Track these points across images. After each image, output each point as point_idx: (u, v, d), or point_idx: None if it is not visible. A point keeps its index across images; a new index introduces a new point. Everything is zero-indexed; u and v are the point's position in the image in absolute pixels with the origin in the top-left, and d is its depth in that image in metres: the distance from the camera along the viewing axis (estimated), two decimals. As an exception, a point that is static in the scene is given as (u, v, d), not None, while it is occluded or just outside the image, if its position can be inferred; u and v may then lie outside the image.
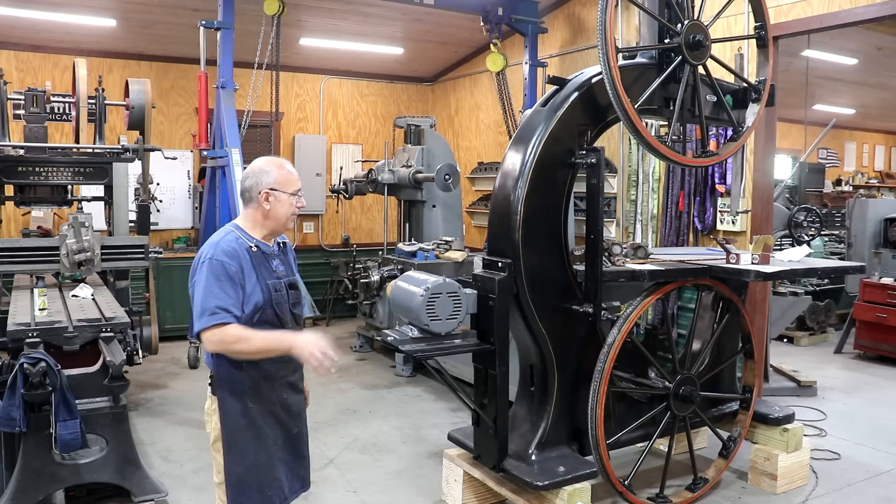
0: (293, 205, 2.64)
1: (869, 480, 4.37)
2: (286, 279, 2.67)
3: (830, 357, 7.53)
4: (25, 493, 3.31)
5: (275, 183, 2.60)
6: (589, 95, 3.59)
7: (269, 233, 2.68)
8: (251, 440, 2.57)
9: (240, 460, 2.57)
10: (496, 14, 7.27)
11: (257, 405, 2.57)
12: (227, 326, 2.44)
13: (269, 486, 2.61)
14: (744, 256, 3.97)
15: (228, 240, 2.58)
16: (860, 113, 12.37)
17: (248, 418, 2.57)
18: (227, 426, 2.57)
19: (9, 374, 3.24)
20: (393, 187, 7.26)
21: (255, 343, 2.46)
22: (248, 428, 2.57)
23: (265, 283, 2.57)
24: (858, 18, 4.76)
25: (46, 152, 4.92)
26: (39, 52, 7.75)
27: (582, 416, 3.64)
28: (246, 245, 2.58)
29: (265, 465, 2.60)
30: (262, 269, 2.59)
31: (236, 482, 2.58)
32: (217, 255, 2.51)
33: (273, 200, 2.60)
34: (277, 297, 2.59)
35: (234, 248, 2.55)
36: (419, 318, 3.36)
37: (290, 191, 2.62)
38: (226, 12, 6.11)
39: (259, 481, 2.59)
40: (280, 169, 2.63)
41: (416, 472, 4.40)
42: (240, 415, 2.56)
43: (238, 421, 2.56)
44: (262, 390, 2.58)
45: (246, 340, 2.44)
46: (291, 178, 2.64)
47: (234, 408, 2.56)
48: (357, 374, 6.59)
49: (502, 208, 3.56)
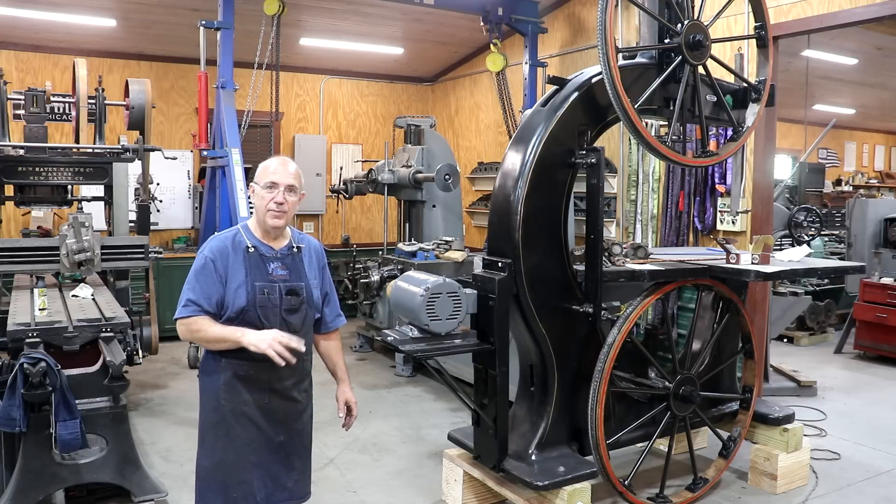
0: (266, 199, 2.58)
1: (869, 480, 4.37)
2: (284, 284, 2.61)
3: (830, 357, 7.53)
4: (25, 493, 3.30)
5: (256, 177, 2.64)
6: (589, 95, 3.59)
7: (264, 231, 2.66)
8: (220, 437, 2.60)
9: (207, 455, 2.64)
10: (496, 14, 7.27)
11: (229, 403, 2.59)
12: (194, 318, 2.53)
13: (234, 488, 2.59)
14: (744, 256, 3.96)
15: (224, 237, 2.63)
16: (860, 113, 12.37)
17: (218, 415, 2.60)
18: (201, 420, 2.66)
19: (9, 374, 3.24)
20: (393, 187, 7.26)
21: (209, 333, 2.54)
22: (218, 424, 2.60)
23: (252, 284, 2.56)
24: (858, 18, 4.76)
25: (46, 152, 4.92)
26: (39, 52, 7.75)
27: (582, 416, 3.64)
28: (244, 244, 2.59)
29: (232, 464, 2.59)
30: (255, 270, 2.58)
31: (203, 476, 2.65)
32: (205, 250, 2.60)
33: (254, 195, 2.65)
34: (263, 299, 2.56)
35: (225, 245, 2.59)
36: (419, 318, 3.36)
37: (261, 183, 2.60)
38: (226, 12, 6.11)
39: (224, 480, 2.60)
40: (265, 163, 2.66)
41: (416, 472, 4.40)
42: (212, 410, 2.62)
43: (210, 416, 2.62)
44: (236, 389, 2.59)
45: (202, 331, 2.54)
46: (266, 170, 2.62)
47: (209, 403, 2.63)
48: (357, 374, 6.59)
49: (502, 208, 3.56)
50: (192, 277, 2.57)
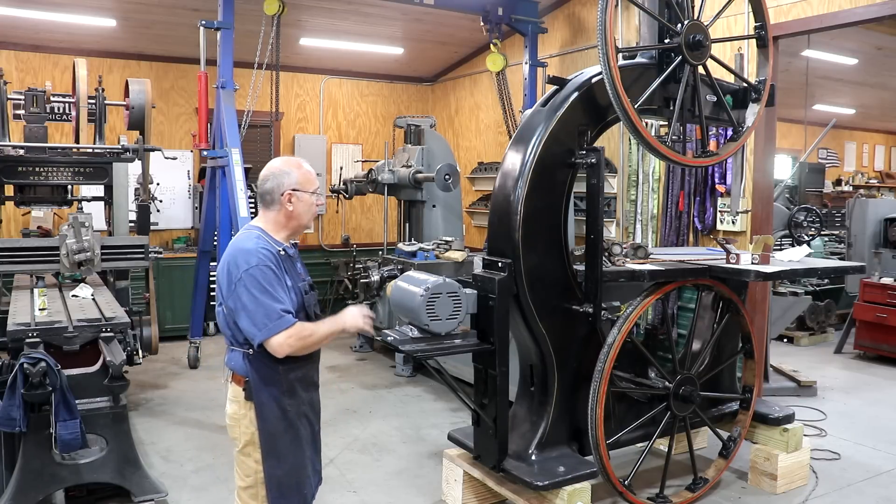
0: (314, 203, 2.65)
1: (869, 480, 4.37)
2: (309, 281, 2.72)
3: (830, 357, 7.53)
4: (25, 493, 3.30)
5: (296, 183, 2.60)
6: (589, 95, 3.59)
7: (291, 234, 2.68)
8: (290, 442, 2.59)
9: (280, 463, 2.58)
10: (496, 14, 7.26)
11: (293, 407, 2.59)
12: (297, 325, 2.49)
13: (305, 485, 2.65)
14: (744, 256, 3.96)
15: (259, 244, 2.54)
16: (860, 113, 12.37)
17: (286, 421, 2.58)
18: (265, 430, 2.56)
19: (9, 374, 3.24)
20: (393, 187, 7.25)
21: (320, 334, 2.55)
22: (287, 430, 2.58)
23: (297, 286, 2.59)
24: (858, 18, 4.76)
25: (46, 152, 4.92)
26: (39, 52, 7.75)
27: (582, 416, 3.64)
28: (275, 250, 2.57)
29: (301, 465, 2.63)
30: (293, 273, 2.62)
31: (277, 485, 2.58)
32: (262, 261, 2.49)
33: (296, 201, 2.60)
34: (307, 299, 2.63)
35: (269, 251, 2.53)
36: (419, 318, 3.36)
37: (310, 189, 2.63)
38: (226, 12, 6.10)
39: (298, 481, 2.62)
40: (299, 169, 2.64)
41: (416, 472, 4.40)
42: (279, 418, 2.57)
43: (277, 424, 2.57)
44: (297, 391, 2.60)
45: (314, 334, 2.53)
46: (311, 176, 2.66)
47: (273, 412, 2.56)
48: (357, 374, 6.60)
49: (502, 208, 3.56)
50: (269, 288, 2.45)
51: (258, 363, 2.53)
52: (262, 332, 2.43)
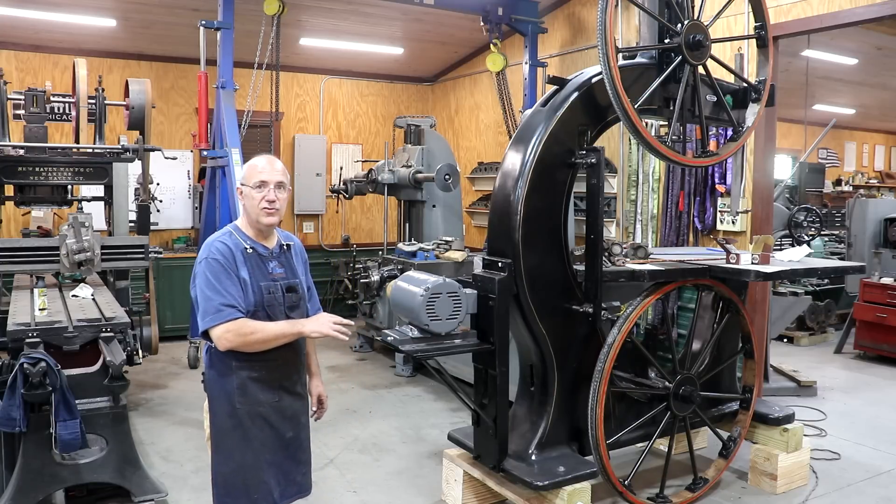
0: (257, 198, 2.59)
1: (869, 480, 4.37)
2: (284, 282, 2.66)
3: (830, 357, 7.53)
4: (25, 493, 3.30)
5: (242, 178, 2.64)
6: (589, 95, 3.59)
7: (256, 231, 2.67)
8: (238, 441, 2.58)
9: (226, 461, 2.59)
10: (496, 14, 7.26)
11: (245, 406, 2.58)
12: (238, 320, 2.47)
13: (255, 489, 2.60)
14: (744, 256, 3.96)
15: (221, 240, 2.60)
16: (860, 113, 12.37)
17: (235, 419, 2.58)
18: (215, 426, 2.61)
19: (9, 374, 3.24)
20: (393, 187, 7.26)
21: (267, 333, 2.50)
22: (235, 429, 2.58)
23: (258, 284, 2.57)
24: (858, 18, 4.76)
25: (46, 152, 4.92)
26: (39, 52, 7.75)
27: (582, 416, 3.64)
28: (241, 246, 2.59)
29: (251, 466, 2.60)
30: (256, 271, 2.59)
31: (222, 482, 2.61)
32: (212, 254, 2.54)
33: (243, 197, 2.64)
34: (270, 299, 2.59)
35: (228, 247, 2.57)
36: (419, 318, 3.35)
37: (250, 183, 2.60)
38: (226, 12, 6.10)
39: (245, 483, 2.60)
40: (250, 164, 2.65)
41: (416, 472, 4.40)
42: (227, 415, 2.58)
43: (225, 421, 2.59)
44: (250, 391, 2.58)
45: (259, 332, 2.49)
46: (254, 170, 2.62)
47: (223, 408, 2.59)
48: (357, 374, 6.59)
49: (502, 208, 3.56)
50: (214, 281, 2.48)
51: (215, 357, 2.59)
52: (203, 323, 2.49)
